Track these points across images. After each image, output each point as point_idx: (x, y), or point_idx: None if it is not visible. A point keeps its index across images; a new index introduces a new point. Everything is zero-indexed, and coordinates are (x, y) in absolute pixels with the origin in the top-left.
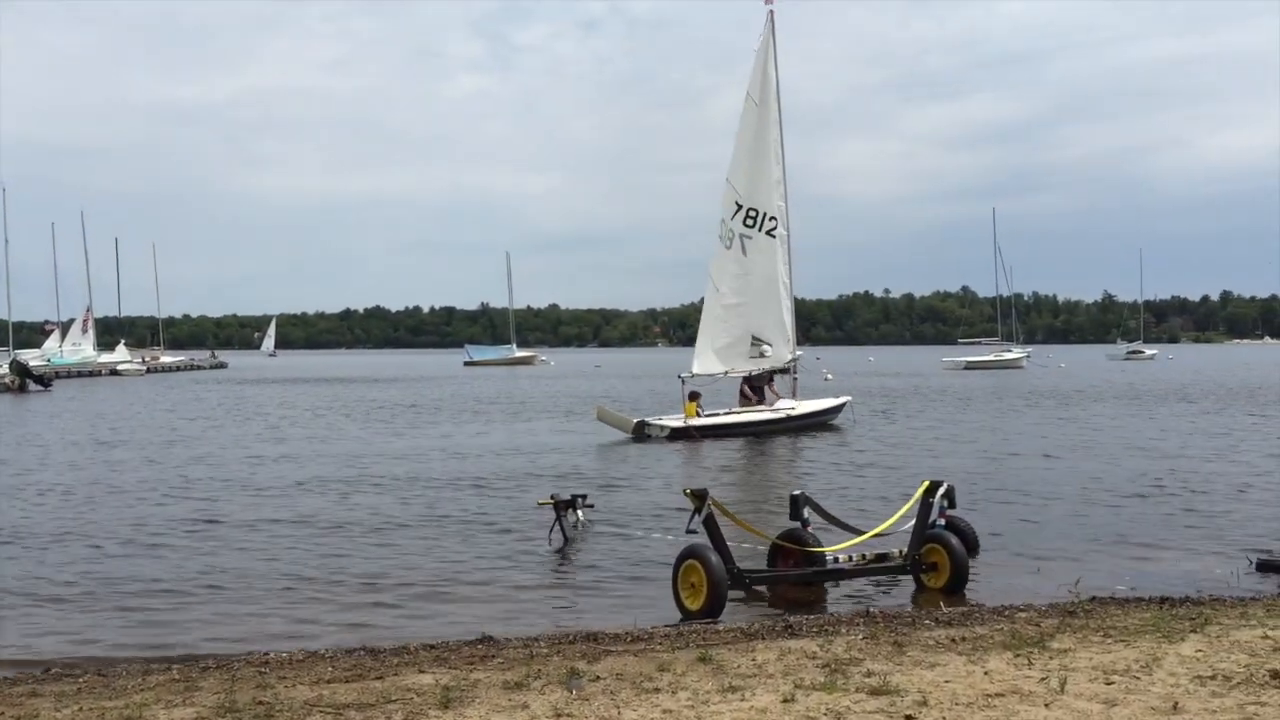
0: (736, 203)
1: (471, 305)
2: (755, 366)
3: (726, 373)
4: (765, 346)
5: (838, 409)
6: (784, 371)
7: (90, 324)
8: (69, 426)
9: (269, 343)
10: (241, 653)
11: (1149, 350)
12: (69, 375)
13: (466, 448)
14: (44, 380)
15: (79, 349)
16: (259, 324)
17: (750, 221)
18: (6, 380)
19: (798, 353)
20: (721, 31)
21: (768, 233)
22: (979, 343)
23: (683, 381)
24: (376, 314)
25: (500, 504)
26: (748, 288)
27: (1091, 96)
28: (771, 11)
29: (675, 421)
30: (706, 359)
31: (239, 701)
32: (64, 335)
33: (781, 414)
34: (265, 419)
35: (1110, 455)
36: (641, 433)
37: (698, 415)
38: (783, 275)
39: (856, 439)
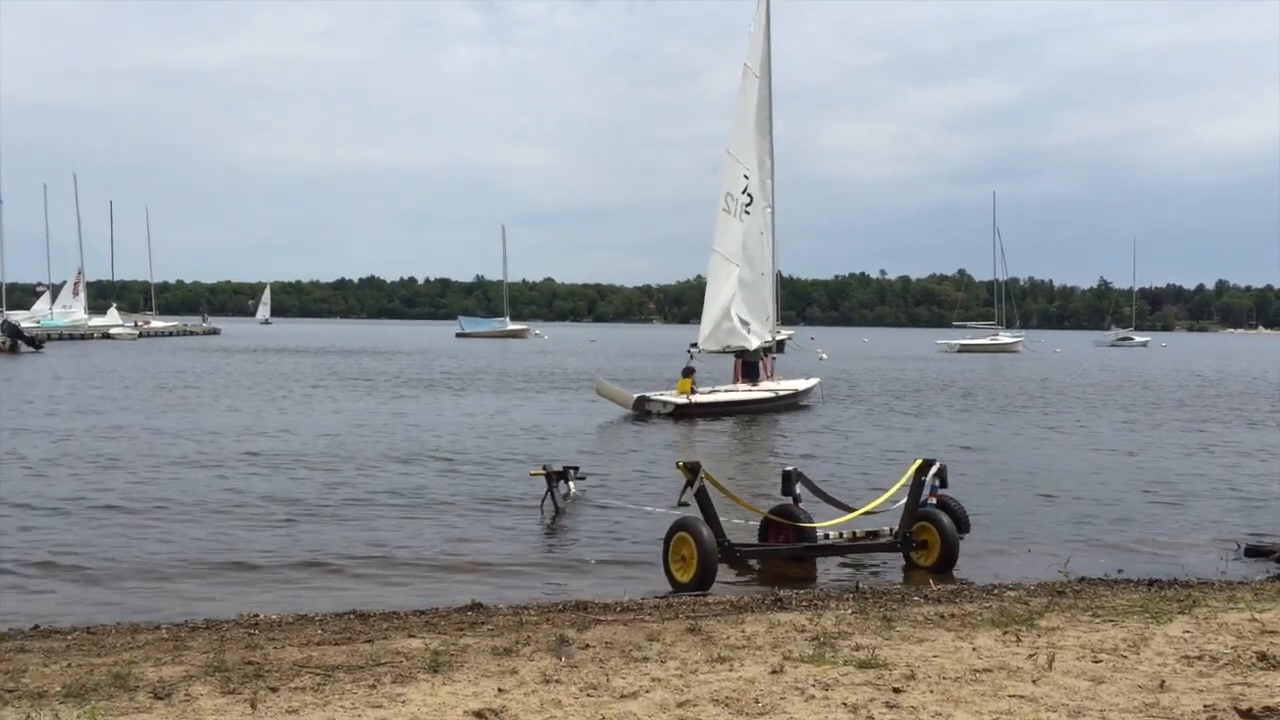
0: (744, 175)
1: (467, 278)
2: (745, 344)
3: (726, 348)
4: (751, 324)
5: (809, 390)
6: (767, 351)
7: (82, 287)
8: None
9: (263, 310)
10: (231, 614)
11: (1139, 337)
12: (60, 338)
13: (461, 419)
14: (36, 342)
15: (70, 311)
16: (253, 291)
17: (748, 195)
18: None
19: (789, 332)
20: (719, 6)
21: (752, 209)
22: (968, 326)
23: (691, 355)
24: (371, 284)
25: (493, 475)
26: (748, 263)
27: (1089, 81)
28: None
29: (678, 398)
30: (711, 333)
31: (228, 661)
32: (55, 298)
33: (774, 393)
34: (265, 389)
35: (1095, 446)
36: (642, 409)
37: (693, 391)
38: (766, 254)
39: (844, 419)
